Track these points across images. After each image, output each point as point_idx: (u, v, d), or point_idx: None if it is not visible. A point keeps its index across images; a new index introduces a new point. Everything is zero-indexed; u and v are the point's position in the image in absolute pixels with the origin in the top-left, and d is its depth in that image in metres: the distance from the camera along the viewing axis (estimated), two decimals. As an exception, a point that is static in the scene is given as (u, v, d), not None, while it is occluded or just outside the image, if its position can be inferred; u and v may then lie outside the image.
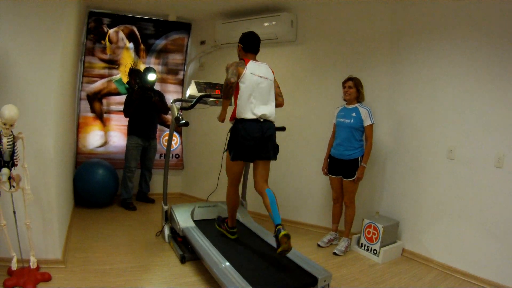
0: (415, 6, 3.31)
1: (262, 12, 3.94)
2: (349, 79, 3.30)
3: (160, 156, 4.67)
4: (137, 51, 4.45)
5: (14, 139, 2.28)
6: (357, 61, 3.67)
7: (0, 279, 2.31)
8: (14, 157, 2.28)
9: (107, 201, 4.19)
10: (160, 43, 4.52)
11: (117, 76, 4.44)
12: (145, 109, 4.11)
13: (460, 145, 2.97)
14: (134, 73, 4.06)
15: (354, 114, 3.26)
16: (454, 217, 2.99)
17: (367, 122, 3.22)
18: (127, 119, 4.19)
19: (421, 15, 3.27)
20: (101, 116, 4.37)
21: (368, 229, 3.31)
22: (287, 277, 2.54)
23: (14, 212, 2.38)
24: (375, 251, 3.24)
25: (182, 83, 4.78)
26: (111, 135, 4.45)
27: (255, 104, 2.74)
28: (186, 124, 2.98)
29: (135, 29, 4.38)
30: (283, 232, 2.53)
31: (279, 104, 2.99)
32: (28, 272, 2.39)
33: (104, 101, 4.37)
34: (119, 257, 2.92)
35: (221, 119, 2.88)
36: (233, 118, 2.79)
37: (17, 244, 2.41)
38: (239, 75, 2.74)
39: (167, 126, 4.73)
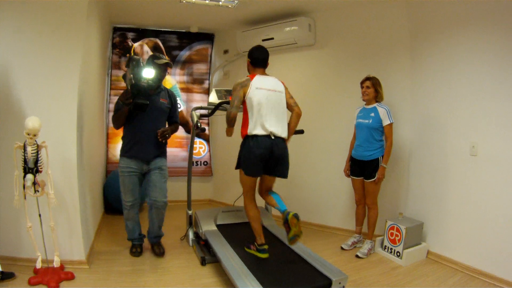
0: (432, 3, 3.21)
1: (280, 18, 3.99)
2: (367, 79, 3.26)
3: (188, 163, 4.79)
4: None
5: (38, 148, 2.47)
6: (376, 62, 3.63)
7: (26, 277, 2.51)
8: (38, 164, 2.48)
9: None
10: (184, 54, 4.70)
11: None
12: (143, 117, 2.89)
13: (483, 141, 2.83)
14: (131, 63, 2.74)
15: (372, 114, 3.21)
16: (479, 217, 2.84)
17: (386, 122, 3.16)
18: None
19: (439, 12, 3.17)
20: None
21: (391, 231, 3.22)
22: (302, 279, 2.54)
23: (40, 215, 2.58)
24: (398, 253, 3.14)
25: (207, 92, 4.90)
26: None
27: (265, 118, 2.70)
28: (203, 130, 3.08)
29: (159, 42, 4.60)
30: (291, 213, 2.57)
31: (296, 114, 2.91)
32: (52, 271, 2.57)
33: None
34: (142, 260, 3.07)
35: (228, 135, 2.91)
36: (244, 134, 2.78)
37: (42, 245, 2.61)
38: (244, 94, 2.74)
39: (197, 136, 4.86)
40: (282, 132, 2.78)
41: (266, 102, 2.73)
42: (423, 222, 3.26)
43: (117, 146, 4.60)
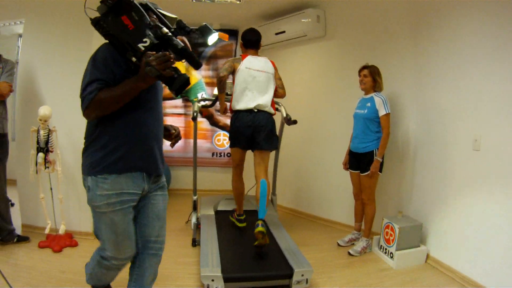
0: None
1: (292, 11, 3.96)
2: (364, 67, 3.12)
3: (213, 155, 5.03)
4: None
5: (49, 132, 2.93)
6: (383, 51, 3.42)
7: (38, 241, 2.99)
8: (49, 145, 2.93)
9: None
10: (210, 50, 4.91)
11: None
12: (148, 103, 1.69)
13: (486, 134, 2.49)
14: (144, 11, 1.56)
15: (369, 104, 3.05)
16: (481, 222, 2.49)
17: (381, 112, 2.97)
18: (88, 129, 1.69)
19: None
20: (157, 118, 4.96)
21: (387, 230, 3.02)
22: (265, 266, 2.58)
23: (51, 189, 3.04)
24: (391, 255, 2.93)
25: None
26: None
27: (250, 96, 2.87)
28: (194, 119, 3.26)
29: (185, 39, 4.84)
30: (258, 229, 2.62)
31: (280, 95, 3.07)
32: (59, 238, 3.00)
33: (160, 105, 4.96)
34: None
35: (221, 110, 3.12)
36: (230, 110, 2.98)
37: (52, 214, 3.06)
38: (234, 70, 2.94)
39: (221, 128, 5.07)
40: (265, 106, 2.91)
41: (252, 81, 2.90)
42: (422, 223, 2.98)
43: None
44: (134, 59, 1.53)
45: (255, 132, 2.88)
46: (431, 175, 3.01)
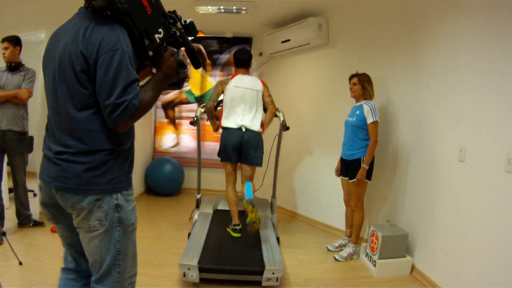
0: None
1: (296, 20, 4.04)
2: (354, 75, 3.16)
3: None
4: (203, 65, 5.17)
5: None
6: (382, 59, 3.41)
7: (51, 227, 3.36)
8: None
9: (173, 191, 5.03)
10: (224, 57, 5.12)
11: (187, 88, 5.21)
12: None
13: (470, 145, 2.42)
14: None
15: (358, 112, 3.08)
16: (465, 237, 2.41)
17: (369, 120, 2.99)
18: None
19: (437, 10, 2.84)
20: (173, 122, 5.27)
21: (372, 238, 3.02)
22: (241, 261, 2.69)
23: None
24: (374, 263, 2.93)
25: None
26: (182, 138, 5.29)
27: (237, 113, 3.04)
28: (192, 123, 3.46)
29: (201, 47, 5.11)
30: (245, 199, 2.85)
31: (270, 111, 3.18)
32: (70, 223, 3.35)
33: (176, 109, 5.25)
34: (150, 230, 3.67)
35: (213, 130, 3.29)
36: (221, 126, 3.15)
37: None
38: (222, 91, 3.11)
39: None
40: (252, 125, 3.04)
41: (240, 99, 3.04)
42: (407, 233, 2.93)
43: (163, 138, 5.28)
44: (151, 53, 1.28)
45: (243, 149, 3.04)
46: (420, 185, 2.96)
